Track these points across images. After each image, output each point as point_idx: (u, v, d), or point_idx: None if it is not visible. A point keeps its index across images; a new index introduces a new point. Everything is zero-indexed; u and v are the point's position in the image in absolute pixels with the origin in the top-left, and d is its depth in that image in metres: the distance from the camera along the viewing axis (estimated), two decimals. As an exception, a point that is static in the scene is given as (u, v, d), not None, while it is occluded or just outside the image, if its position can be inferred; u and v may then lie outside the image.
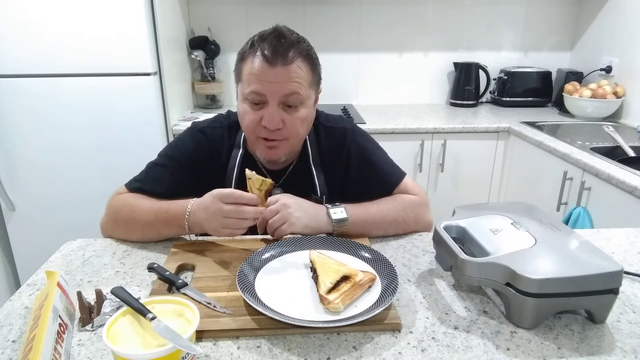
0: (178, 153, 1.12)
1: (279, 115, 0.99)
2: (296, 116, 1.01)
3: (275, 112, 0.98)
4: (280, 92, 0.97)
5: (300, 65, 0.98)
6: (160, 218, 0.99)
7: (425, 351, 0.69)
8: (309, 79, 1.01)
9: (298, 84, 0.98)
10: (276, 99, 0.97)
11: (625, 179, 1.55)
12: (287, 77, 0.96)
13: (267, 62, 0.95)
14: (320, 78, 1.07)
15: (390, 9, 2.64)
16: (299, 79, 0.98)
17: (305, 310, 0.76)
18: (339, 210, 1.02)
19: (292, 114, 1.00)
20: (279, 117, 0.99)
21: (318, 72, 1.05)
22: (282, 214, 0.98)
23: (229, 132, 1.14)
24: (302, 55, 0.98)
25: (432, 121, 2.34)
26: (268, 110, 0.98)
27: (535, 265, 0.72)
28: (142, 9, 1.89)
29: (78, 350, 0.69)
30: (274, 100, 0.98)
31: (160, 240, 1.04)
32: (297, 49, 0.98)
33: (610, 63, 2.43)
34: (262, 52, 0.96)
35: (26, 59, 1.90)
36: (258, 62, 0.96)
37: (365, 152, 1.16)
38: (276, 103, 0.98)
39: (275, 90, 0.97)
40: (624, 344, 0.71)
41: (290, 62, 0.96)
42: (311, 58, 1.01)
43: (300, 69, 0.98)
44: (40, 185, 2.06)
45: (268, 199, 0.99)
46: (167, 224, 0.99)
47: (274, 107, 0.98)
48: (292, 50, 0.96)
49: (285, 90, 0.97)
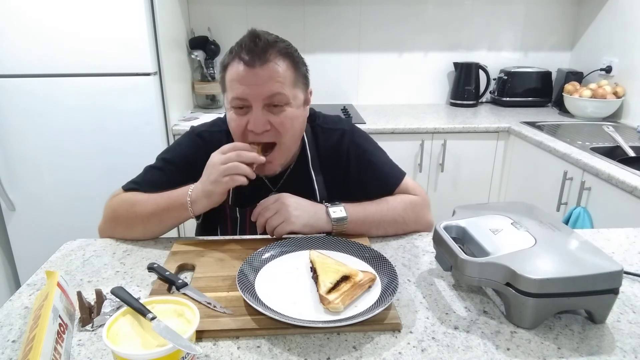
0: (176, 157, 1.12)
1: (264, 117, 0.98)
2: (282, 116, 0.99)
3: (259, 114, 0.97)
4: (262, 93, 0.96)
5: (279, 63, 0.97)
6: (162, 205, 0.99)
7: (425, 351, 0.69)
8: (291, 78, 0.99)
9: (280, 83, 0.96)
10: (259, 101, 0.97)
11: (625, 179, 1.55)
12: (266, 78, 0.95)
13: (245, 64, 0.95)
14: (307, 78, 1.05)
15: (390, 9, 2.64)
16: (280, 77, 0.96)
17: (305, 310, 0.75)
18: (338, 209, 1.02)
19: (278, 114, 0.99)
20: (264, 119, 0.98)
21: (302, 72, 1.03)
22: (281, 213, 0.98)
23: (227, 136, 1.12)
24: (281, 53, 0.97)
25: (432, 121, 2.35)
26: (253, 114, 0.98)
27: (535, 265, 0.72)
28: (142, 9, 1.89)
29: (78, 350, 0.69)
30: (258, 103, 0.97)
31: (161, 233, 1.04)
32: (275, 48, 0.97)
33: (610, 63, 2.43)
34: (240, 56, 0.96)
35: (26, 59, 1.90)
36: (237, 67, 0.96)
37: (364, 153, 1.15)
38: (260, 106, 0.97)
39: (257, 93, 0.96)
40: (624, 344, 0.71)
41: (268, 61, 0.95)
42: (291, 56, 1.00)
43: (279, 66, 0.96)
44: (40, 185, 2.06)
45: (266, 198, 0.99)
46: (170, 207, 0.99)
47: (258, 110, 0.97)
48: (268, 49, 0.96)
49: (267, 92, 0.96)
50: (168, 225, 1.03)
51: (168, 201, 0.99)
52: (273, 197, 1.01)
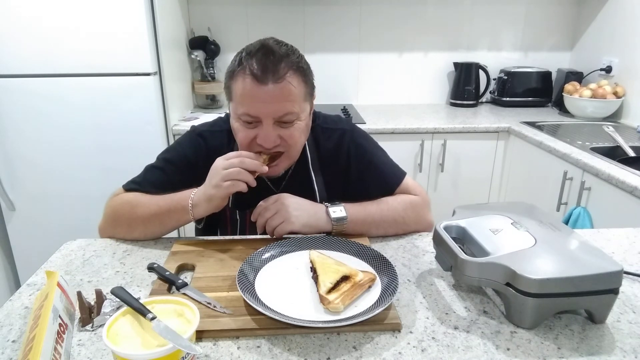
0: (176, 156, 1.12)
1: (274, 133, 0.96)
2: (292, 129, 0.98)
3: (270, 131, 0.96)
4: (275, 112, 0.94)
5: (292, 80, 0.94)
6: (164, 207, 0.99)
7: (425, 351, 0.69)
8: (302, 94, 0.98)
9: (291, 102, 0.95)
10: (270, 119, 0.95)
11: (625, 179, 1.55)
12: (279, 97, 0.93)
13: (257, 80, 0.92)
14: (314, 86, 1.04)
15: (390, 9, 2.64)
16: (292, 96, 0.95)
17: (305, 310, 0.75)
18: (338, 208, 1.02)
19: (288, 128, 0.98)
20: (275, 134, 0.97)
21: (311, 82, 1.01)
22: (281, 213, 0.98)
23: (228, 136, 1.12)
24: (293, 69, 0.95)
25: (432, 121, 2.35)
26: (263, 129, 0.96)
27: (535, 265, 0.72)
28: (142, 9, 1.89)
29: (78, 350, 0.69)
30: (269, 120, 0.95)
31: (161, 235, 1.04)
32: (287, 63, 0.94)
33: (610, 63, 2.43)
34: (252, 71, 0.92)
35: (26, 59, 1.90)
36: (248, 82, 0.93)
37: (364, 153, 1.15)
38: (271, 122, 0.96)
39: (268, 112, 0.94)
40: (624, 344, 0.71)
41: (282, 79, 0.93)
42: (302, 70, 0.98)
43: (292, 85, 0.94)
44: (40, 185, 2.06)
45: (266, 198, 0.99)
46: (171, 210, 0.99)
47: (269, 126, 0.96)
48: (282, 64, 0.93)
49: (279, 112, 0.95)
50: (169, 227, 1.03)
51: (170, 204, 0.99)
52: (273, 198, 1.01)
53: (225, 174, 0.92)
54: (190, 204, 0.97)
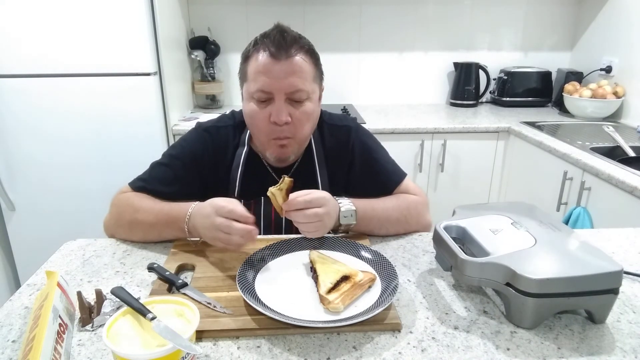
0: (182, 153, 1.12)
1: (286, 109, 1.00)
2: (302, 110, 1.02)
3: (282, 106, 1.00)
4: (286, 87, 0.98)
5: (304, 57, 1.00)
6: (162, 220, 0.99)
7: (425, 351, 0.69)
8: (312, 73, 1.03)
9: (302, 79, 0.99)
10: (282, 94, 0.99)
11: (625, 179, 1.55)
12: (291, 71, 0.98)
13: (271, 56, 0.97)
14: (323, 74, 1.09)
15: (390, 9, 2.64)
16: (303, 73, 1.00)
17: (305, 310, 0.75)
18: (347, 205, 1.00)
19: (298, 108, 1.01)
20: (287, 110, 1.00)
21: (320, 68, 1.07)
22: (324, 222, 0.92)
23: (233, 131, 1.14)
24: (304, 49, 1.01)
25: (432, 121, 2.34)
26: (275, 105, 1.00)
27: (535, 265, 0.72)
28: (142, 9, 1.89)
29: (78, 350, 0.69)
30: (280, 95, 0.99)
31: (161, 241, 1.04)
32: (300, 44, 1.00)
33: (610, 63, 2.43)
34: (267, 48, 0.98)
35: (26, 59, 1.90)
36: (263, 58, 0.98)
37: (369, 150, 1.16)
38: (283, 98, 0.99)
39: (281, 86, 0.98)
40: (624, 344, 0.71)
41: (294, 55, 0.98)
42: (313, 52, 1.04)
43: (304, 61, 1.00)
44: (40, 185, 2.05)
45: (316, 194, 0.92)
46: (168, 226, 0.99)
47: (281, 101, 1.00)
48: (295, 44, 0.99)
49: (291, 86, 0.99)
50: (167, 238, 1.02)
51: (168, 219, 0.98)
52: (322, 199, 0.92)
53: (216, 236, 0.88)
54: (186, 228, 0.96)
